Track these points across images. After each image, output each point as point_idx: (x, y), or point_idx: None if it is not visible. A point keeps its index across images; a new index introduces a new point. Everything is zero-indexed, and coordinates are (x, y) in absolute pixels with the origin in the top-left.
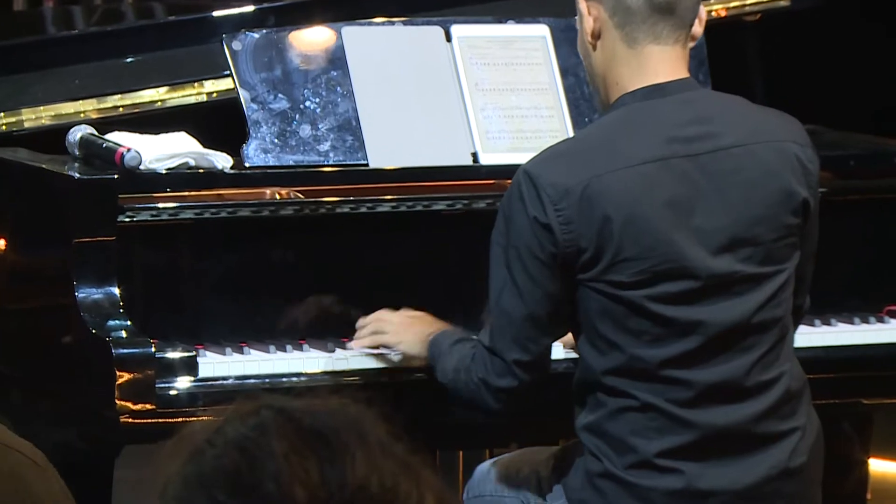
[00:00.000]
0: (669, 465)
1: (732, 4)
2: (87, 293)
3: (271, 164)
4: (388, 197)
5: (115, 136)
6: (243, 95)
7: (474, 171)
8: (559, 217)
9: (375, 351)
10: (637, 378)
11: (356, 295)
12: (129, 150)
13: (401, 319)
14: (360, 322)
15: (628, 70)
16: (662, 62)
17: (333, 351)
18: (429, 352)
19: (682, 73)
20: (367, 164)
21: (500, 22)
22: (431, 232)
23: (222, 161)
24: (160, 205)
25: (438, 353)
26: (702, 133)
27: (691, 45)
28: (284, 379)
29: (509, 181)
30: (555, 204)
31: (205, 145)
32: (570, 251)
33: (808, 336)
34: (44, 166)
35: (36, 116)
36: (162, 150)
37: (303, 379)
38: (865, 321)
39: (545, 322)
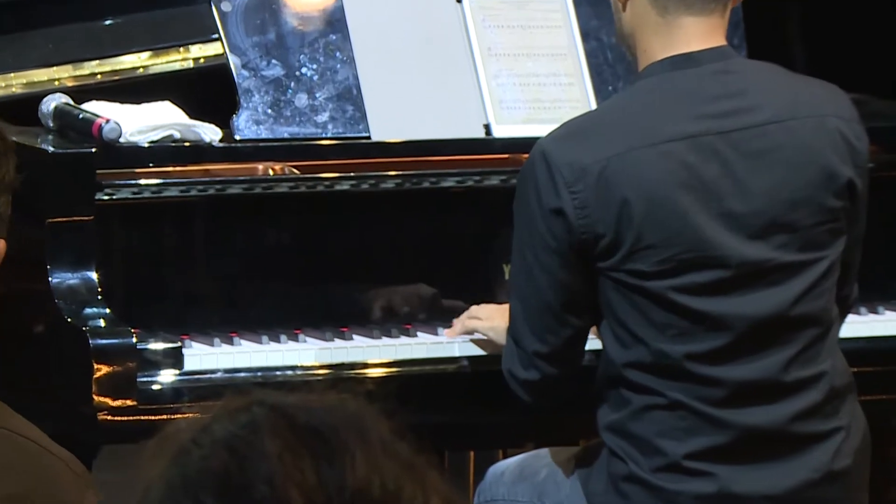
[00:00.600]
0: (700, 467)
1: None
2: (62, 278)
3: (264, 136)
4: (393, 173)
5: (93, 106)
6: (233, 61)
7: (487, 144)
8: (574, 200)
9: (469, 337)
10: (664, 374)
11: (357, 280)
12: (107, 121)
13: (497, 306)
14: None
15: (658, 39)
16: (696, 32)
17: (332, 341)
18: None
19: (717, 41)
20: (368, 137)
21: None
22: (440, 211)
23: (210, 133)
24: (142, 181)
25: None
26: (735, 108)
27: (732, 6)
28: (278, 372)
29: (525, 155)
30: (569, 186)
31: (191, 116)
32: (585, 238)
33: (853, 326)
34: (14, 139)
35: (6, 84)
36: (144, 122)
37: (298, 372)
38: None
39: (561, 313)
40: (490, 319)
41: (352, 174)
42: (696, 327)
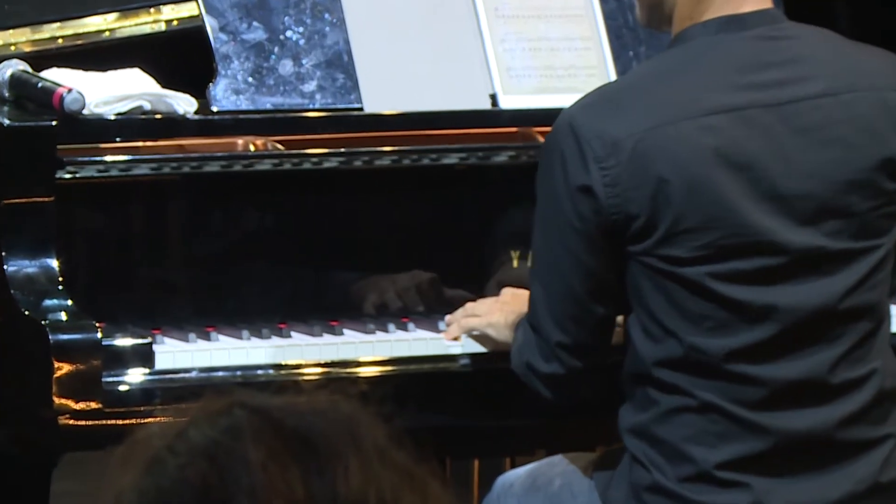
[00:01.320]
0: (734, 478)
1: None
2: (19, 266)
3: (244, 107)
4: (388, 148)
5: (54, 74)
6: (210, 24)
7: (493, 116)
8: (605, 177)
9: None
10: (696, 372)
11: (348, 268)
12: (69, 90)
13: (496, 299)
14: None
15: None
16: None
17: (321, 336)
18: (513, 334)
19: (765, 2)
20: (361, 109)
21: None
22: (441, 191)
23: (184, 104)
24: (108, 158)
25: (515, 339)
26: (785, 78)
27: None
28: (261, 371)
29: (537, 129)
30: (600, 161)
31: (163, 85)
32: (616, 218)
33: None
34: None
35: None
36: (110, 91)
37: (283, 372)
38: None
39: (586, 301)
40: (488, 315)
41: (342, 150)
42: (736, 320)
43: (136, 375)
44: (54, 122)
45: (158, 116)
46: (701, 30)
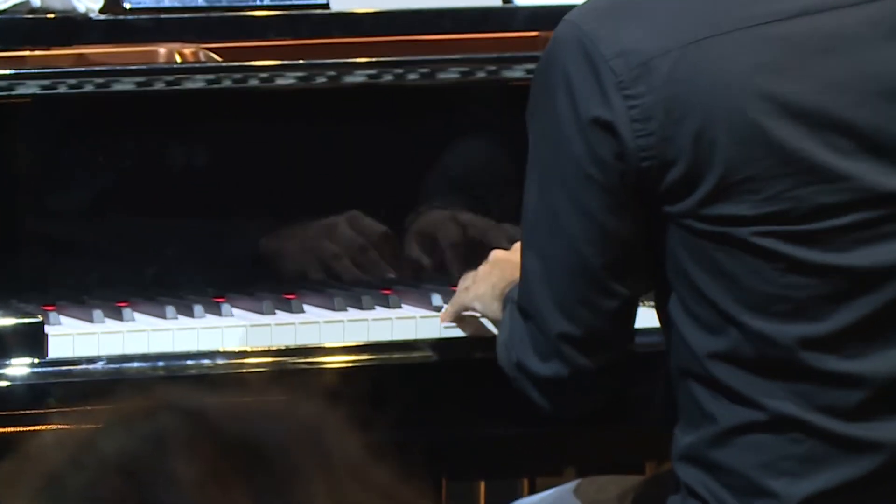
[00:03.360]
0: None
1: None
2: None
3: (167, 4)
4: (362, 60)
5: None
6: None
7: (505, 15)
8: (632, 109)
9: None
10: (767, 372)
11: (309, 221)
12: None
13: (485, 263)
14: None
15: None
16: None
17: (273, 314)
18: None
19: None
20: (327, 6)
21: None
22: (434, 118)
23: (86, 0)
24: None
25: (502, 322)
26: None
27: None
28: (192, 361)
29: None
30: (624, 88)
31: None
32: (648, 166)
33: None
34: None
35: None
36: None
37: (222, 361)
38: None
39: (604, 278)
40: (476, 286)
41: (300, 62)
42: (820, 297)
43: (21, 368)
44: None
45: (51, 16)
46: None
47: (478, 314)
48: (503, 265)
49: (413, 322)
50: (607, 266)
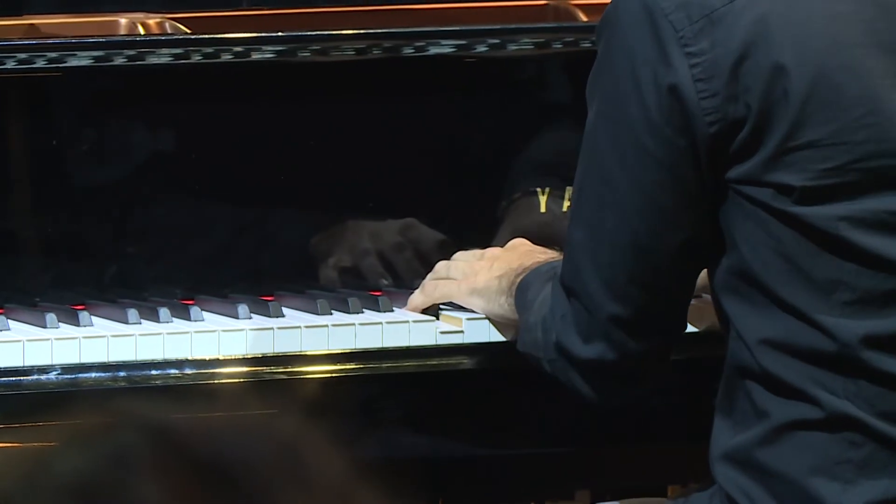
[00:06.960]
0: None
1: None
2: None
3: None
4: (350, 31)
5: None
6: None
7: None
8: (695, 67)
9: (471, 315)
10: (826, 369)
11: (289, 214)
12: None
13: (480, 253)
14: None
15: None
16: None
17: (249, 318)
18: (516, 305)
19: None
20: None
21: None
22: (431, 96)
23: None
24: None
25: (524, 304)
26: None
27: None
28: (157, 371)
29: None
30: (686, 44)
31: None
32: (716, 130)
33: None
34: None
35: None
36: None
37: (190, 371)
38: None
39: (663, 258)
40: (471, 280)
41: (279, 34)
42: (886, 290)
43: None
44: None
45: None
46: None
47: (450, 310)
48: (507, 257)
49: (405, 327)
50: (669, 245)
